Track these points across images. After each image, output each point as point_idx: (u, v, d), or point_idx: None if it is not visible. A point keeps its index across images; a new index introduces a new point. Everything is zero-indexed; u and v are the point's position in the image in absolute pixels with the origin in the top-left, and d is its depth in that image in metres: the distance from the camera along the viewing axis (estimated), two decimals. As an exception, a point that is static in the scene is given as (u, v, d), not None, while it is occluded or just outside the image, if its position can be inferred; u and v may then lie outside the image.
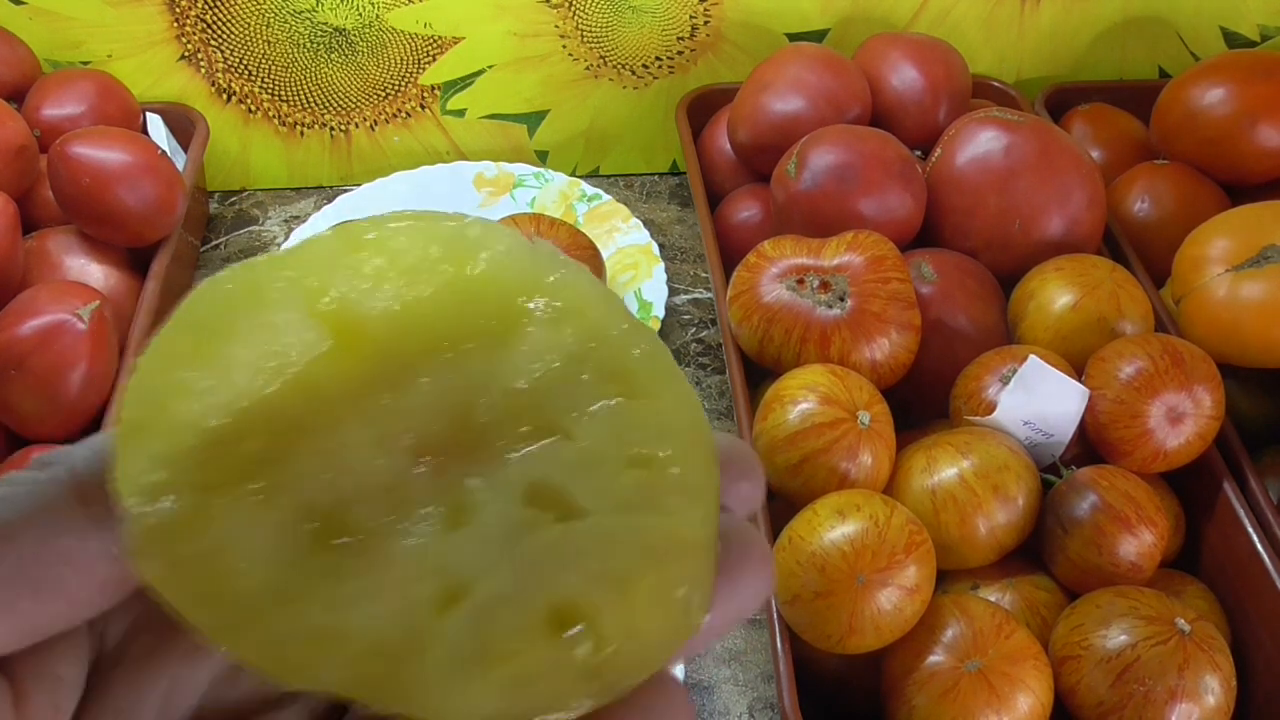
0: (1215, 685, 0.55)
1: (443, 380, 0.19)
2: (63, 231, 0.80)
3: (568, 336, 0.20)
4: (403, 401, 0.19)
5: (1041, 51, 0.99)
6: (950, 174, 0.76)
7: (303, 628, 0.17)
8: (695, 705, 0.67)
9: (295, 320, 0.19)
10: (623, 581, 0.18)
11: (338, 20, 0.93)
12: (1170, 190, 0.83)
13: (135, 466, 0.17)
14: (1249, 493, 0.65)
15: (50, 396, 0.69)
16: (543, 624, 0.18)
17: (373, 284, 0.19)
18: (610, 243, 0.92)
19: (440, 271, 0.20)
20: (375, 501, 0.18)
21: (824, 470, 0.61)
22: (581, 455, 0.19)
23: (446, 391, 0.19)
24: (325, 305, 0.19)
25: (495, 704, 0.17)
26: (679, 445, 0.19)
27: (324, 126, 0.99)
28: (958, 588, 0.62)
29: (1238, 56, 0.87)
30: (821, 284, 0.68)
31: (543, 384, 0.19)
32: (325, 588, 0.18)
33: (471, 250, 0.20)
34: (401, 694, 0.17)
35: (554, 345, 0.20)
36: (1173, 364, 0.63)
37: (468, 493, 0.19)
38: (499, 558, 0.18)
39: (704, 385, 0.85)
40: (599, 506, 0.19)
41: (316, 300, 0.19)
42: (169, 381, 0.18)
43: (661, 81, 0.98)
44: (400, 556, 0.18)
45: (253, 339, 0.18)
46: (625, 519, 0.19)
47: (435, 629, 0.17)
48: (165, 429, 0.18)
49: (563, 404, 0.19)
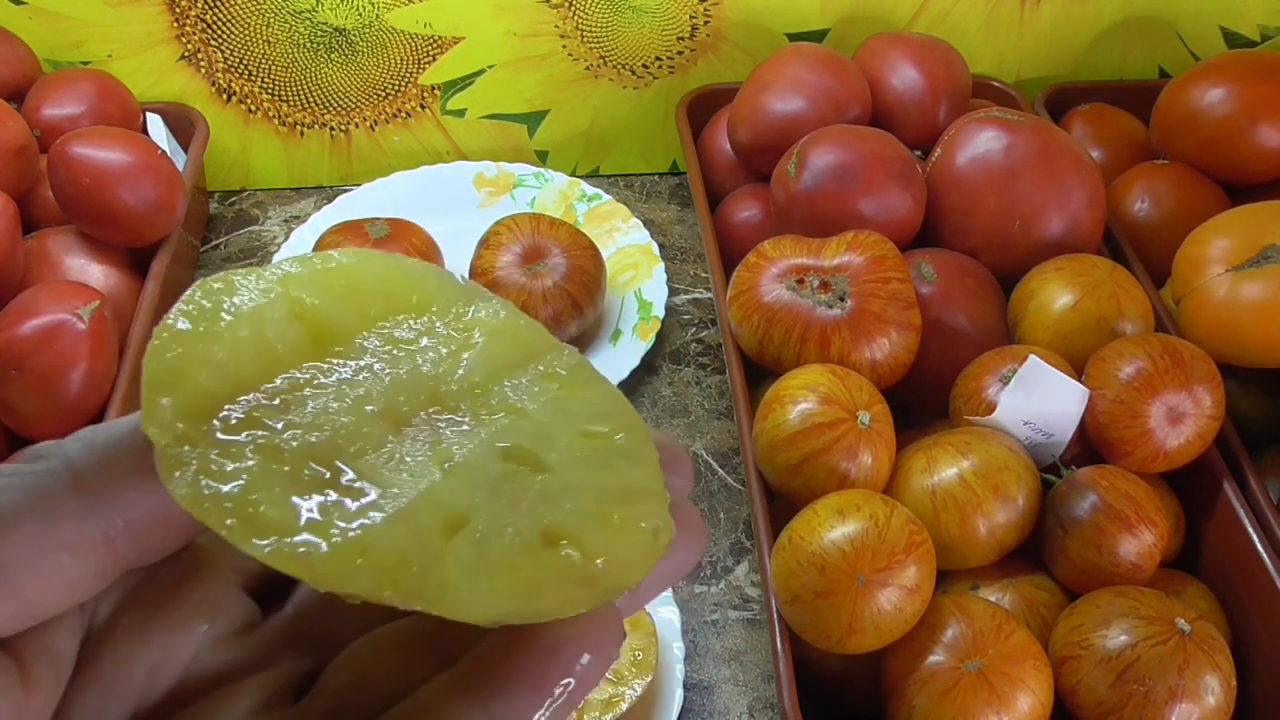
0: (1215, 685, 0.55)
1: (410, 373, 0.23)
2: (63, 231, 0.80)
3: (505, 349, 0.24)
4: (375, 380, 0.23)
5: (1041, 51, 0.99)
6: (950, 174, 0.76)
7: (328, 535, 0.19)
8: (693, 703, 0.67)
9: (281, 320, 0.22)
10: (597, 515, 0.21)
11: (338, 20, 0.93)
12: (1170, 190, 0.83)
13: (164, 405, 0.20)
14: (1249, 493, 0.65)
15: (50, 396, 0.69)
16: (538, 543, 0.21)
17: (340, 301, 0.24)
18: (610, 243, 0.92)
19: (398, 296, 0.24)
20: (373, 453, 0.21)
21: (824, 470, 0.61)
22: (538, 428, 0.23)
23: (413, 377, 0.23)
24: (302, 312, 0.23)
25: (509, 604, 0.20)
26: (618, 424, 0.23)
27: (324, 126, 0.99)
28: (958, 588, 0.62)
29: (1238, 56, 0.86)
30: (821, 284, 0.68)
31: (494, 379, 0.24)
32: (341, 509, 0.20)
33: (414, 280, 0.25)
34: (428, 596, 0.19)
35: (497, 355, 0.24)
36: (1173, 364, 0.63)
37: (451, 442, 0.22)
38: (489, 497, 0.21)
39: (704, 385, 0.85)
40: (563, 464, 0.22)
41: (296, 306, 0.23)
42: (192, 342, 0.21)
43: (661, 81, 0.98)
44: (404, 493, 0.21)
45: (251, 324, 0.22)
46: (587, 473, 0.22)
47: (446, 549, 0.20)
48: (191, 377, 0.21)
49: (513, 393, 0.23)
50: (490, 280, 0.82)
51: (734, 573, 0.73)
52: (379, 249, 0.83)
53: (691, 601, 0.72)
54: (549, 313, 0.82)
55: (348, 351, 0.23)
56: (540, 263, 0.83)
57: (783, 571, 0.58)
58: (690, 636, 0.70)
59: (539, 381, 0.24)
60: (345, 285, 0.24)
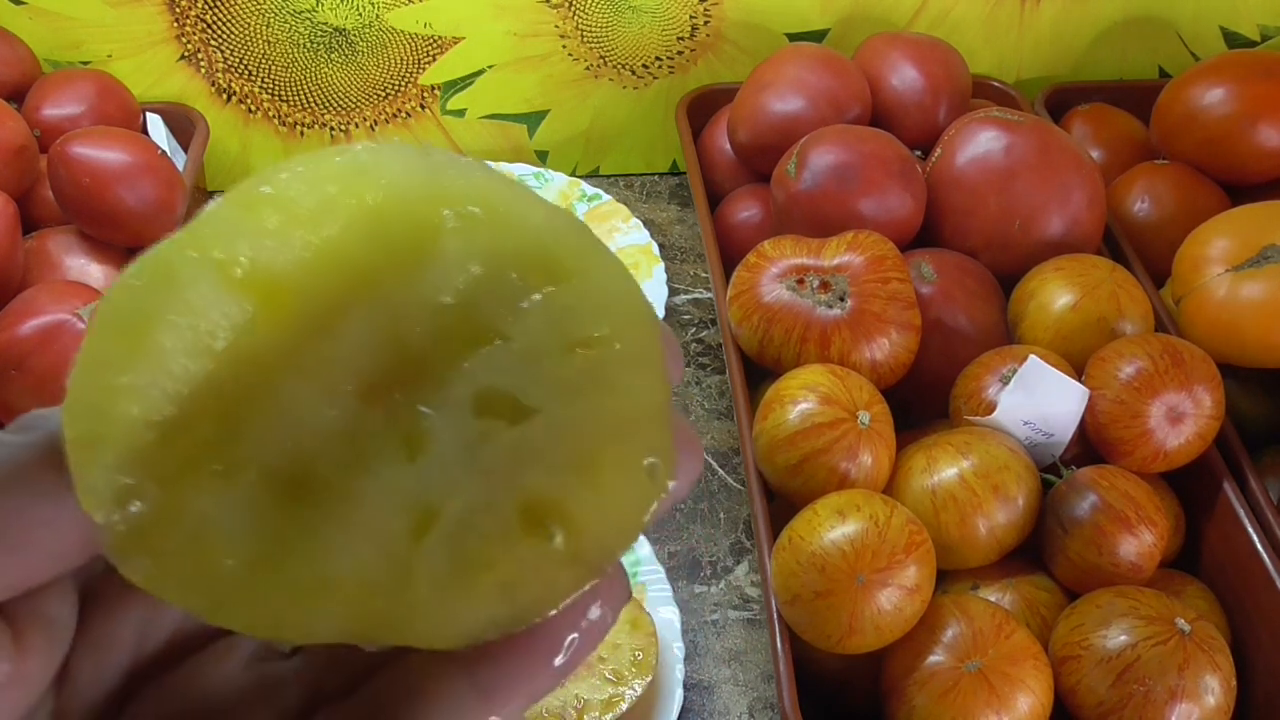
0: (1215, 685, 0.55)
1: (371, 317, 0.19)
2: (63, 231, 0.80)
3: (483, 239, 0.19)
4: (337, 348, 0.19)
5: (1041, 51, 0.99)
6: (950, 174, 0.76)
7: (290, 589, 0.18)
8: (693, 703, 0.67)
9: (212, 295, 0.18)
10: (586, 466, 0.18)
11: (338, 20, 0.93)
12: (1170, 190, 0.83)
13: (95, 480, 0.18)
14: (1249, 493, 0.65)
15: (50, 396, 0.69)
16: (516, 527, 0.18)
17: (278, 239, 0.19)
18: (610, 243, 0.92)
19: (341, 208, 0.19)
20: (334, 451, 0.19)
21: (824, 470, 0.61)
22: (521, 355, 0.19)
23: (377, 327, 0.19)
24: (238, 274, 0.19)
25: (488, 613, 0.18)
26: (616, 319, 0.19)
27: (324, 126, 0.99)
28: (958, 588, 0.62)
29: (1238, 56, 0.86)
30: (821, 284, 0.68)
31: (469, 294, 0.19)
32: (304, 545, 0.18)
33: (368, 178, 0.19)
34: (397, 627, 0.18)
35: (471, 252, 0.19)
36: (1173, 364, 0.63)
37: (419, 420, 0.19)
38: (461, 475, 0.18)
39: (704, 385, 0.85)
40: (549, 400, 0.19)
41: (228, 271, 0.19)
42: (105, 388, 0.18)
43: (661, 81, 0.98)
44: (368, 497, 0.18)
45: (176, 325, 0.18)
46: (577, 406, 0.19)
47: (415, 557, 0.18)
48: (114, 436, 0.18)
49: (493, 308, 0.19)
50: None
51: (734, 573, 0.73)
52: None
53: (691, 601, 0.72)
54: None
55: (302, 317, 0.19)
56: (540, 263, 0.83)
57: (783, 571, 0.58)
58: (690, 636, 0.70)
59: (526, 278, 0.19)
60: (288, 218, 0.19)
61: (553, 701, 0.62)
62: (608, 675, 0.63)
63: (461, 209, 0.19)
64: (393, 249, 0.19)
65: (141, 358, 0.18)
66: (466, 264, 0.19)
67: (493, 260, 0.19)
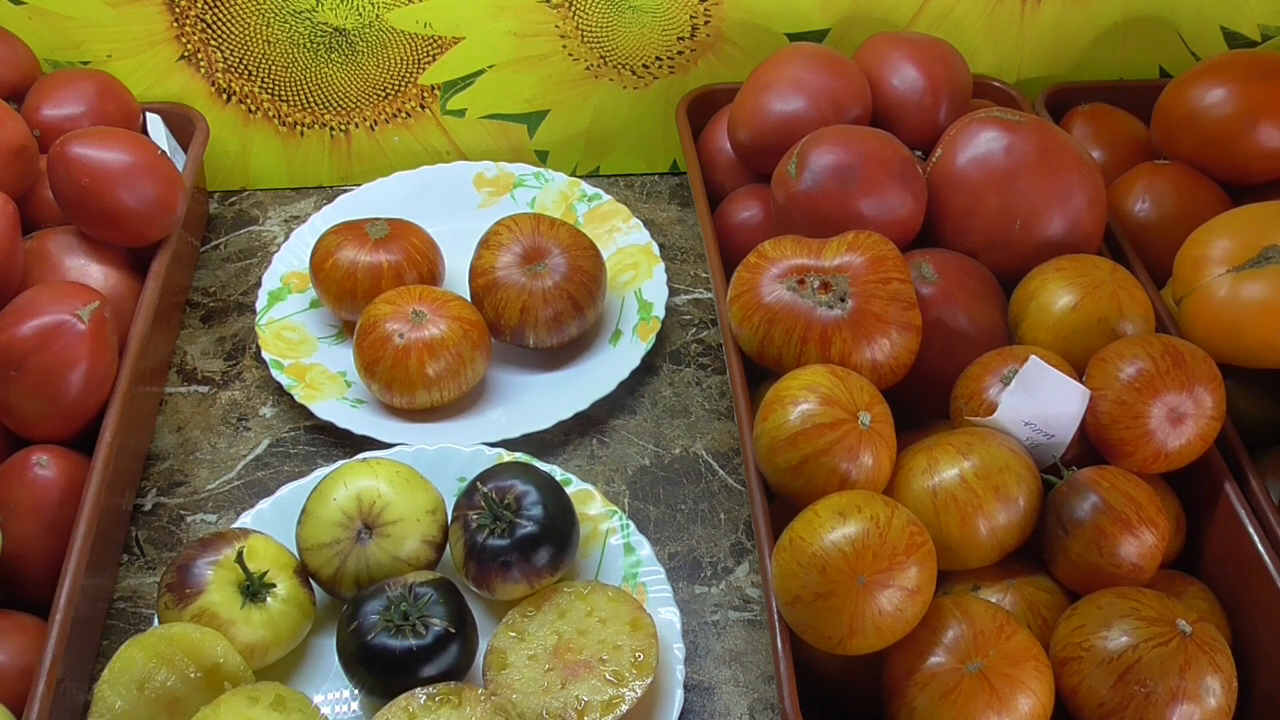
0: (1216, 686, 0.55)
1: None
2: (63, 231, 0.80)
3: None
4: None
5: (1042, 51, 0.99)
6: (950, 174, 0.76)
7: None
8: (693, 704, 0.67)
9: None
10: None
11: (338, 20, 0.93)
12: (1170, 190, 0.83)
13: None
14: (1249, 493, 0.65)
15: (50, 396, 0.69)
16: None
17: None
18: (610, 243, 0.92)
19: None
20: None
21: (825, 471, 0.61)
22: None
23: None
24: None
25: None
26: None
27: (324, 126, 0.99)
28: (959, 589, 0.62)
29: (1238, 56, 0.86)
30: (822, 284, 0.68)
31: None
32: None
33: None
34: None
35: None
36: (1174, 364, 0.63)
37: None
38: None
39: (704, 385, 0.85)
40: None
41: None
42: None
43: (661, 81, 0.98)
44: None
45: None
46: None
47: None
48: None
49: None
50: (490, 280, 0.82)
51: (734, 573, 0.73)
52: (380, 249, 0.84)
53: (692, 602, 0.72)
54: (549, 313, 0.82)
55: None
56: (540, 263, 0.83)
57: (783, 572, 0.58)
58: (691, 637, 0.70)
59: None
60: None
61: (554, 703, 0.62)
62: (608, 676, 0.63)
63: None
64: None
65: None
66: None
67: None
